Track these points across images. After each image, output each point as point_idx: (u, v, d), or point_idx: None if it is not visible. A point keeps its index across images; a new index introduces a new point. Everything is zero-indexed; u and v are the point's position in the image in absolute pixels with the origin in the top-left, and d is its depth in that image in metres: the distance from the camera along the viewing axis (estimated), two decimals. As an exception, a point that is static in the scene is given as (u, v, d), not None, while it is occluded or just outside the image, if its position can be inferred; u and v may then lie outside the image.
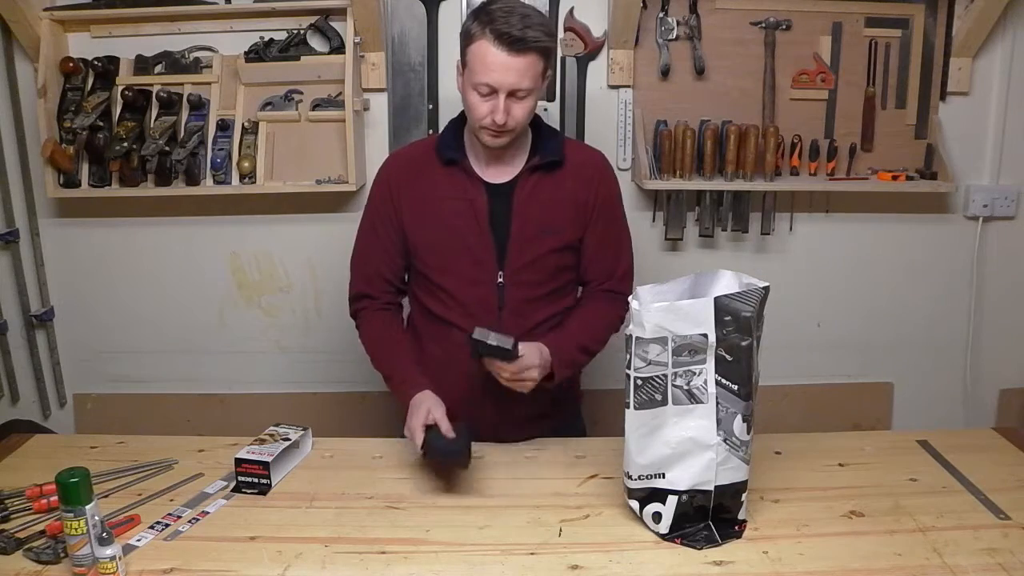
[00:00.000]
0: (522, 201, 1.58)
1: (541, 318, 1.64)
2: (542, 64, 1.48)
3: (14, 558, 1.23)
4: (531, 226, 1.59)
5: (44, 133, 2.12)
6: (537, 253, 1.60)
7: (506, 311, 1.61)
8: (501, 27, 1.41)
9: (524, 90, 1.46)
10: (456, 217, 1.59)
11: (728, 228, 2.35)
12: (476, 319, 1.59)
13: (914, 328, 2.49)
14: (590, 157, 1.67)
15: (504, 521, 1.35)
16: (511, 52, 1.42)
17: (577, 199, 1.61)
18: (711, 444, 1.26)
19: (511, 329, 1.56)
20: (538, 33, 1.44)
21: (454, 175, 1.59)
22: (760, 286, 1.26)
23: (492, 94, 1.46)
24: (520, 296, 1.61)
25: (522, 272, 1.60)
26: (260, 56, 2.16)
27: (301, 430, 1.58)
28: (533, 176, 1.59)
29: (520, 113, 1.49)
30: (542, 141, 1.62)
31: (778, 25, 2.23)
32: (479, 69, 1.45)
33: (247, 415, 2.43)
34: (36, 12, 2.10)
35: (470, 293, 1.61)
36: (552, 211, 1.60)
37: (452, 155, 1.59)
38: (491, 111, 1.47)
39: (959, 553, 1.23)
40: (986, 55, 2.29)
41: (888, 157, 2.31)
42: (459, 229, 1.59)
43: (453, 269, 1.61)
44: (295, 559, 1.24)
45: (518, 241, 1.59)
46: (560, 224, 1.61)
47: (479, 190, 1.59)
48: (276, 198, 2.28)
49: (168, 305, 2.41)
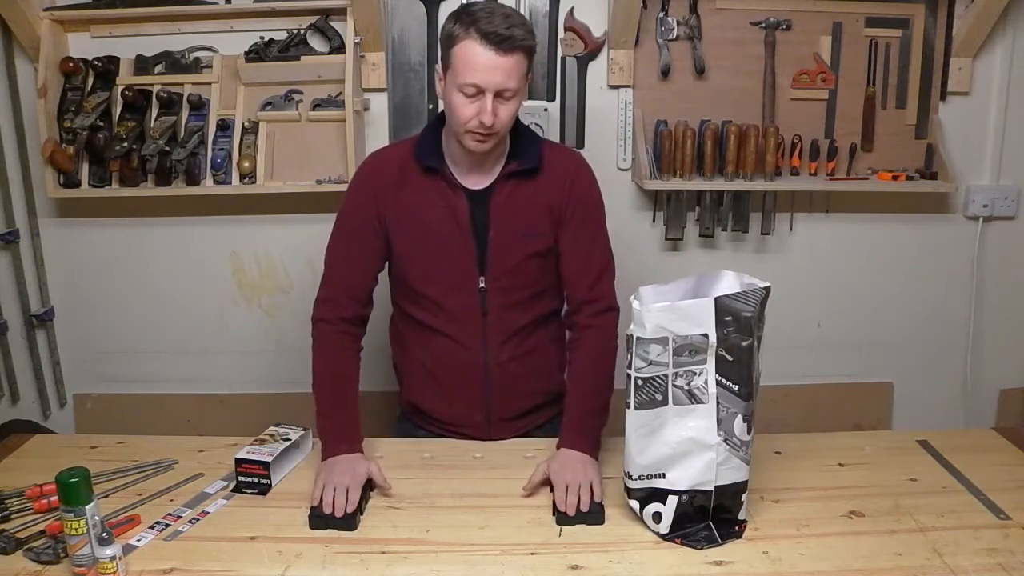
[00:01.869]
0: (499, 207, 1.57)
1: (525, 322, 1.64)
2: (526, 64, 1.47)
3: (14, 558, 1.23)
4: (510, 231, 1.58)
5: (44, 133, 2.11)
6: (518, 258, 1.59)
7: (490, 317, 1.61)
8: (486, 27, 1.40)
9: (511, 90, 1.45)
10: (438, 224, 1.57)
11: (728, 228, 2.35)
12: (460, 325, 1.61)
13: (914, 328, 2.49)
14: (566, 160, 1.64)
15: (504, 521, 1.35)
16: (498, 51, 1.41)
17: (551, 202, 1.59)
18: (711, 444, 1.26)
19: (496, 334, 1.60)
20: (523, 32, 1.43)
21: (434, 182, 1.57)
22: (761, 286, 1.26)
23: (478, 95, 1.44)
24: (502, 301, 1.60)
25: (503, 277, 1.59)
26: (260, 56, 2.16)
27: (301, 430, 1.58)
28: (510, 182, 1.57)
29: (506, 115, 1.47)
30: (520, 145, 1.59)
31: (778, 25, 2.23)
32: (465, 70, 1.42)
33: (247, 415, 2.42)
34: (36, 12, 2.10)
35: (453, 300, 1.60)
36: (529, 216, 1.58)
37: (432, 163, 1.57)
38: (477, 113, 1.44)
39: (959, 553, 1.24)
40: (986, 55, 2.29)
41: (888, 157, 2.31)
42: (441, 236, 1.58)
43: (436, 276, 1.60)
44: (295, 559, 1.24)
45: (497, 247, 1.57)
46: (538, 228, 1.59)
47: (460, 197, 1.57)
48: (276, 198, 2.28)
49: (168, 305, 2.41)
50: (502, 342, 1.62)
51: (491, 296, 1.59)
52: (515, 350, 1.64)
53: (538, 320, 1.66)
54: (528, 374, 1.67)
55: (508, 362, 1.64)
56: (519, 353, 1.64)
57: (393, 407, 1.87)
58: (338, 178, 2.19)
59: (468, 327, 1.61)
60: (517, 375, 1.65)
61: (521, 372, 1.65)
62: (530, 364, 1.66)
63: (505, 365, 1.64)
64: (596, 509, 1.35)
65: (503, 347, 1.63)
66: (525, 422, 1.71)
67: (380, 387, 1.97)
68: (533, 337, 1.66)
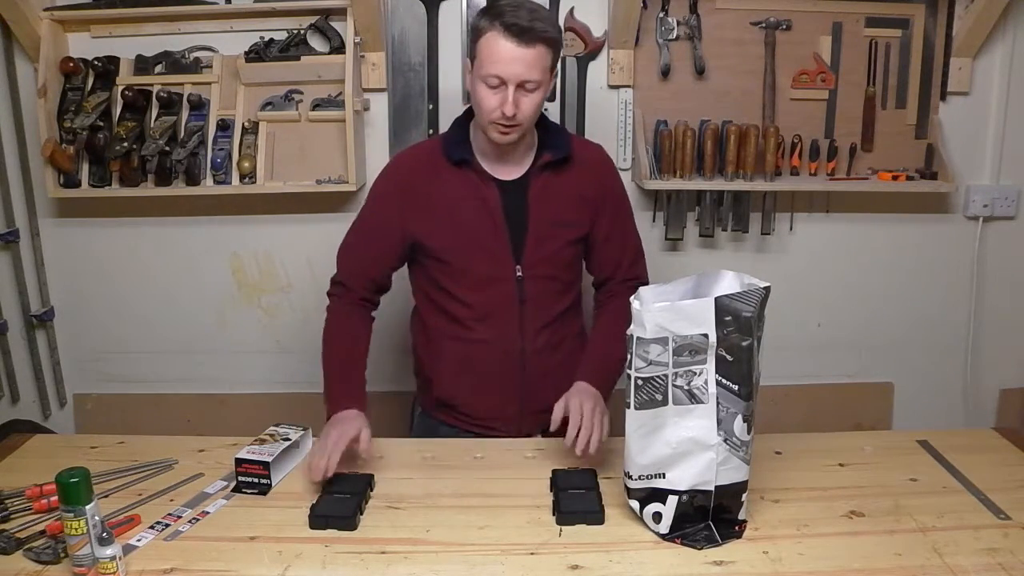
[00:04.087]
0: (536, 196, 1.62)
1: (559, 310, 1.69)
2: (550, 57, 1.50)
3: (14, 558, 1.23)
4: (547, 220, 1.63)
5: (44, 133, 2.12)
6: (554, 247, 1.64)
7: (527, 305, 1.65)
8: (509, 19, 1.46)
9: (533, 82, 1.49)
10: (470, 216, 1.61)
11: (728, 228, 2.35)
12: (498, 315, 1.64)
13: (914, 328, 2.49)
14: (593, 151, 1.73)
15: (504, 521, 1.35)
16: (519, 43, 1.45)
17: (585, 193, 1.66)
18: (711, 444, 1.26)
19: (532, 322, 1.64)
20: (546, 24, 1.49)
21: (464, 174, 1.61)
22: (761, 286, 1.26)
23: (501, 86, 1.49)
24: (539, 289, 1.65)
25: (540, 266, 1.64)
26: (260, 56, 2.16)
27: (301, 430, 1.58)
28: (544, 172, 1.63)
29: (528, 107, 1.51)
30: (550, 138, 1.65)
31: (778, 25, 2.23)
32: (488, 61, 1.48)
33: (247, 415, 2.43)
34: (36, 12, 2.10)
35: (490, 290, 1.64)
36: (565, 205, 1.64)
37: (461, 155, 1.61)
38: (500, 104, 1.49)
39: (959, 553, 1.23)
40: (986, 55, 2.29)
41: (888, 157, 2.31)
42: (474, 228, 1.61)
43: (471, 268, 1.63)
44: (295, 559, 1.24)
45: (535, 235, 1.62)
46: (572, 218, 1.66)
47: (491, 188, 1.61)
48: (276, 198, 2.28)
49: (168, 305, 2.41)
50: (538, 330, 1.67)
51: (528, 284, 1.64)
52: (549, 338, 1.69)
53: (568, 309, 1.72)
54: (559, 365, 1.69)
55: (543, 350, 1.68)
56: (553, 342, 1.69)
57: (403, 406, 1.87)
58: (338, 178, 2.19)
59: (505, 317, 1.65)
60: (550, 365, 1.69)
61: (553, 362, 1.69)
62: (561, 354, 1.70)
63: (540, 353, 1.68)
64: (596, 509, 1.35)
65: (539, 335, 1.67)
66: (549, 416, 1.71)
67: (380, 387, 1.96)
68: (564, 327, 1.72)
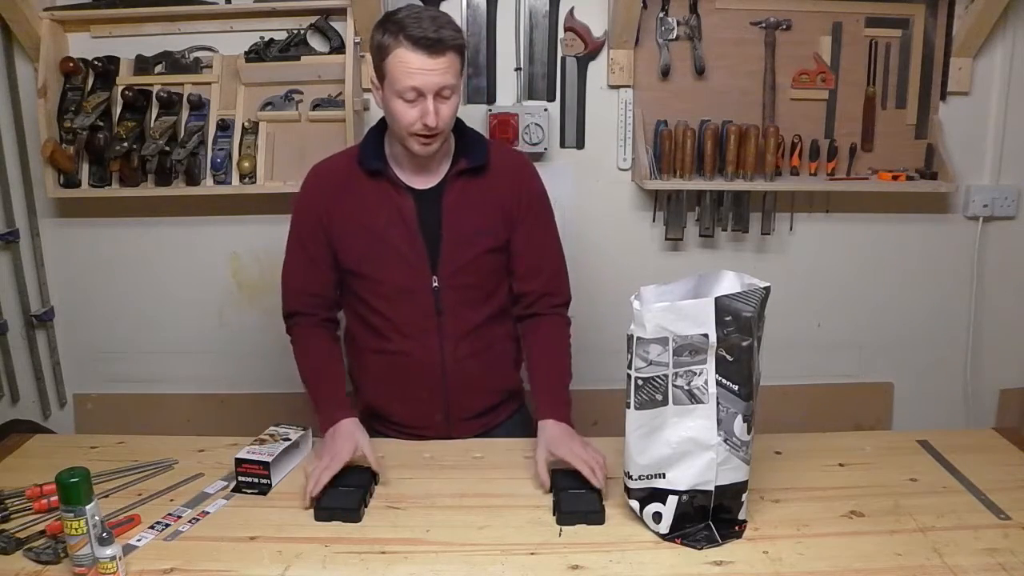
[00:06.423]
0: (452, 205, 1.59)
1: (480, 319, 1.65)
2: (459, 62, 1.49)
3: (14, 558, 1.23)
4: (463, 228, 1.60)
5: (44, 133, 2.12)
6: (471, 255, 1.61)
7: (445, 316, 1.62)
8: (415, 32, 1.42)
9: (449, 87, 1.47)
10: (385, 226, 1.59)
11: (728, 228, 2.35)
12: (416, 326, 1.62)
13: (914, 328, 2.49)
14: (513, 159, 1.68)
15: (504, 521, 1.35)
16: (430, 54, 1.43)
17: (503, 201, 1.62)
18: (711, 444, 1.26)
19: (452, 332, 1.61)
20: (452, 32, 1.46)
21: (379, 185, 1.59)
22: (761, 286, 1.26)
23: (419, 99, 1.46)
24: (457, 299, 1.62)
25: (457, 275, 1.60)
26: (260, 56, 2.16)
27: (301, 430, 1.58)
28: (460, 180, 1.60)
29: (447, 113, 1.49)
30: (467, 145, 1.62)
31: (778, 25, 2.23)
32: (402, 76, 1.44)
33: (247, 415, 2.43)
34: (36, 12, 2.10)
35: (407, 300, 1.61)
36: (482, 213, 1.61)
37: (375, 165, 1.58)
38: (420, 115, 1.46)
39: (959, 553, 1.23)
40: (986, 55, 2.29)
41: (888, 157, 2.31)
42: (390, 237, 1.59)
43: (388, 278, 1.61)
44: (295, 559, 1.24)
45: (451, 244, 1.59)
46: (491, 226, 1.62)
47: (405, 197, 1.59)
48: (276, 198, 2.27)
49: (168, 305, 2.41)
50: (458, 340, 1.63)
51: (445, 294, 1.61)
52: (471, 347, 1.65)
53: (492, 317, 1.67)
54: (485, 372, 1.68)
55: (465, 359, 1.64)
56: (475, 350, 1.65)
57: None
58: (338, 178, 2.19)
59: (423, 327, 1.62)
60: (474, 373, 1.66)
61: (478, 370, 1.66)
62: (487, 361, 1.68)
63: (462, 363, 1.64)
64: (596, 509, 1.35)
65: (459, 345, 1.64)
66: (484, 421, 1.72)
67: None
68: (488, 334, 1.67)
